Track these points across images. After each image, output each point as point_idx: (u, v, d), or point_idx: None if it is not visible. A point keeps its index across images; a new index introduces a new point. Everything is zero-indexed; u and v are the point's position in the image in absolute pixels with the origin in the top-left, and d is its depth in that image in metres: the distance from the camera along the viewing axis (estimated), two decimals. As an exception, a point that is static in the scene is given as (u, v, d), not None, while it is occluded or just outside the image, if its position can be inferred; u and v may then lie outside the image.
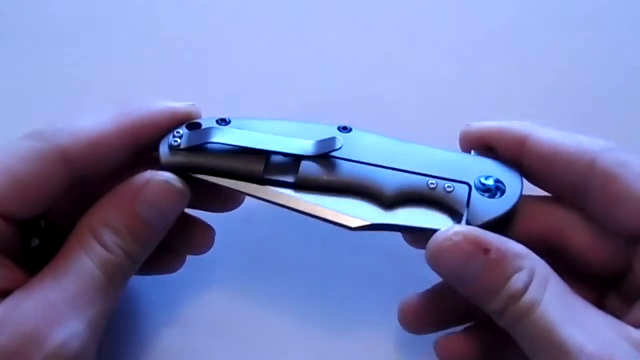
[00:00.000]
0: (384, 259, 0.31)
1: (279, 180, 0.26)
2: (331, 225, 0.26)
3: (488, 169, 0.26)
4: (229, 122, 0.27)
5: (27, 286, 0.23)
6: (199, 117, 0.27)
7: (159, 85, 0.36)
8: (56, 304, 0.22)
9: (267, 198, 0.26)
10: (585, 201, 0.25)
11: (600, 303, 0.25)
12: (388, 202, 0.26)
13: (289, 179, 0.26)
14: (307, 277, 0.32)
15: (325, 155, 0.26)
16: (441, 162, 0.26)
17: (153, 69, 0.37)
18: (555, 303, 0.23)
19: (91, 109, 0.26)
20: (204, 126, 0.27)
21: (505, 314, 0.23)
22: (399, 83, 0.36)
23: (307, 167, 0.26)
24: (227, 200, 0.29)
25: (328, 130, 0.27)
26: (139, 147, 0.26)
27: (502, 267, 0.23)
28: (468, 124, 0.28)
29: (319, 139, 0.26)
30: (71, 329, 0.22)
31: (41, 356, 0.21)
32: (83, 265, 0.23)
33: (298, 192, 0.26)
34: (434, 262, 0.24)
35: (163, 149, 0.26)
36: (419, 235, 0.27)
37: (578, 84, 0.37)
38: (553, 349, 0.22)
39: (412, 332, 0.27)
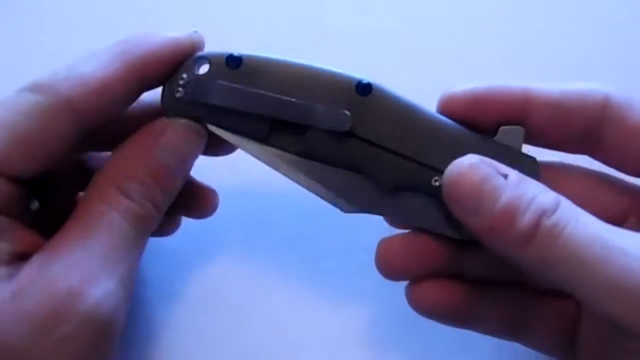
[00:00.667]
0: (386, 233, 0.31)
1: (282, 146, 0.26)
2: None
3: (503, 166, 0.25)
4: (240, 62, 0.26)
5: (48, 247, 0.22)
6: (202, 46, 0.26)
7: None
8: (87, 262, 0.21)
9: (268, 162, 0.26)
10: (597, 143, 0.25)
11: None
12: (389, 188, 0.26)
13: (293, 145, 0.26)
14: (305, 252, 0.32)
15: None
16: (455, 151, 0.25)
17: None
18: (591, 219, 0.22)
19: (89, 47, 0.25)
20: (211, 67, 0.26)
21: (536, 236, 0.21)
22: (397, 63, 0.36)
23: (312, 137, 0.26)
24: (223, 148, 0.28)
25: (345, 90, 0.25)
26: (143, 84, 0.25)
27: (526, 186, 0.22)
28: (448, 91, 0.26)
29: (333, 101, 0.25)
30: (105, 287, 0.21)
31: (78, 317, 0.20)
32: (111, 220, 0.23)
33: (301, 159, 0.26)
34: (453, 189, 0.23)
35: (168, 99, 0.26)
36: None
37: (579, 63, 0.37)
38: (605, 257, 0.21)
39: (388, 276, 0.26)
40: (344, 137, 0.25)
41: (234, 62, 0.26)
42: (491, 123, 0.26)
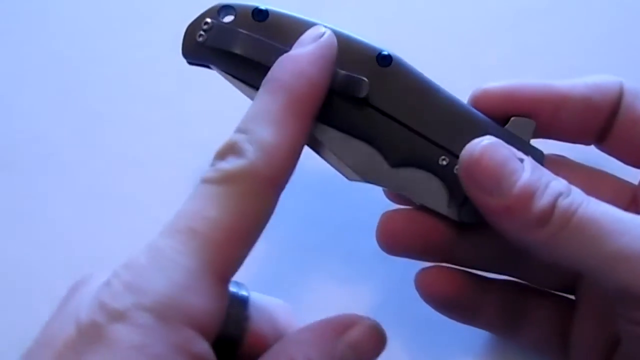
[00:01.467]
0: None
1: None
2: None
3: None
4: (267, 16, 0.26)
5: None
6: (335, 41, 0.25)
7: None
8: None
9: None
10: (608, 133, 0.26)
11: None
12: (396, 161, 0.26)
13: None
14: (304, 255, 0.32)
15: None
16: (466, 133, 0.25)
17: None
18: (602, 202, 0.23)
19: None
20: (236, 16, 0.26)
21: (553, 216, 0.22)
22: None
23: (329, 100, 0.25)
24: None
25: (366, 59, 0.26)
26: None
27: (540, 171, 0.23)
28: (482, 86, 0.27)
29: (352, 68, 0.25)
30: None
31: None
32: None
33: (315, 121, 0.25)
34: (472, 167, 0.23)
35: (188, 40, 0.26)
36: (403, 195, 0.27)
37: (582, 67, 0.37)
38: (617, 230, 0.21)
39: (387, 249, 0.27)
40: (360, 105, 0.26)
41: (260, 14, 0.25)
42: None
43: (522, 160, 0.23)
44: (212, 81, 0.27)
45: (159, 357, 0.18)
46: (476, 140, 0.24)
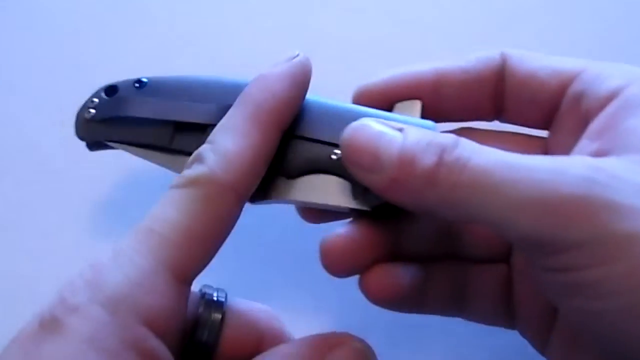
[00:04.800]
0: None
1: (184, 150, 0.26)
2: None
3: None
4: (146, 83, 0.28)
5: None
6: (311, 68, 0.26)
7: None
8: None
9: (174, 169, 0.26)
10: (502, 104, 0.26)
11: None
12: (292, 173, 0.26)
13: (194, 147, 0.25)
14: (295, 261, 0.32)
15: None
16: (347, 123, 0.24)
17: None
18: (495, 150, 0.21)
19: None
20: (120, 90, 0.28)
21: (440, 174, 0.21)
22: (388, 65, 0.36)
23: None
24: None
25: (234, 88, 0.26)
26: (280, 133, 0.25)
27: (422, 132, 0.22)
28: (362, 84, 0.27)
29: (230, 101, 0.25)
30: None
31: None
32: None
33: None
34: (349, 150, 0.23)
35: (79, 120, 0.28)
36: (314, 209, 0.27)
37: None
38: (510, 178, 0.20)
39: (336, 274, 0.25)
40: None
41: (140, 83, 0.28)
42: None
43: (401, 130, 0.22)
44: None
45: (110, 351, 0.19)
46: (350, 125, 0.23)
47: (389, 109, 0.27)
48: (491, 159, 0.21)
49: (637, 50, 0.37)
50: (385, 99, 0.27)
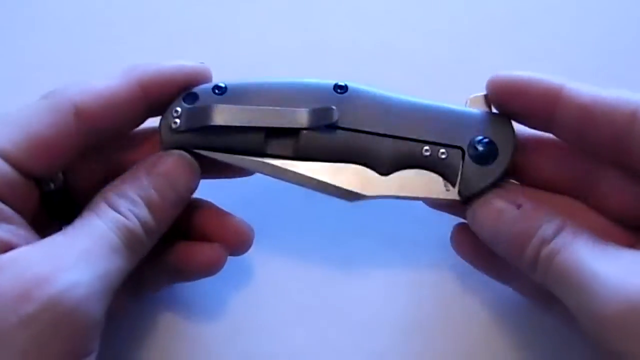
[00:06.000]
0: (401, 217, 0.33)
1: (279, 154, 0.27)
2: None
3: (480, 126, 0.28)
4: (226, 89, 0.28)
5: (35, 244, 0.23)
6: (209, 77, 0.28)
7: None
8: (63, 254, 0.23)
9: (268, 173, 0.27)
10: (625, 153, 0.25)
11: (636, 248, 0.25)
12: (385, 169, 0.27)
13: (289, 151, 0.27)
14: (304, 260, 0.32)
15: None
16: (435, 123, 0.28)
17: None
18: (586, 244, 0.24)
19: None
20: (200, 97, 0.27)
21: (538, 261, 0.24)
22: (394, 71, 0.36)
23: (305, 138, 0.27)
24: (241, 169, 0.29)
25: (324, 92, 0.28)
26: (150, 106, 0.27)
27: (534, 216, 0.25)
28: (496, 73, 0.28)
29: (315, 104, 0.27)
30: (77, 277, 0.22)
31: (43, 298, 0.21)
32: (95, 226, 0.24)
33: (298, 162, 0.27)
34: (473, 224, 0.27)
35: (164, 131, 0.27)
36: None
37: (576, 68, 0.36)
38: (584, 283, 0.22)
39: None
40: (333, 131, 0.27)
41: (219, 89, 0.27)
42: (522, 111, 0.27)
43: (520, 206, 0.25)
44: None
45: None
46: (478, 200, 0.27)
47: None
48: (574, 258, 0.24)
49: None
50: (505, 95, 0.27)
